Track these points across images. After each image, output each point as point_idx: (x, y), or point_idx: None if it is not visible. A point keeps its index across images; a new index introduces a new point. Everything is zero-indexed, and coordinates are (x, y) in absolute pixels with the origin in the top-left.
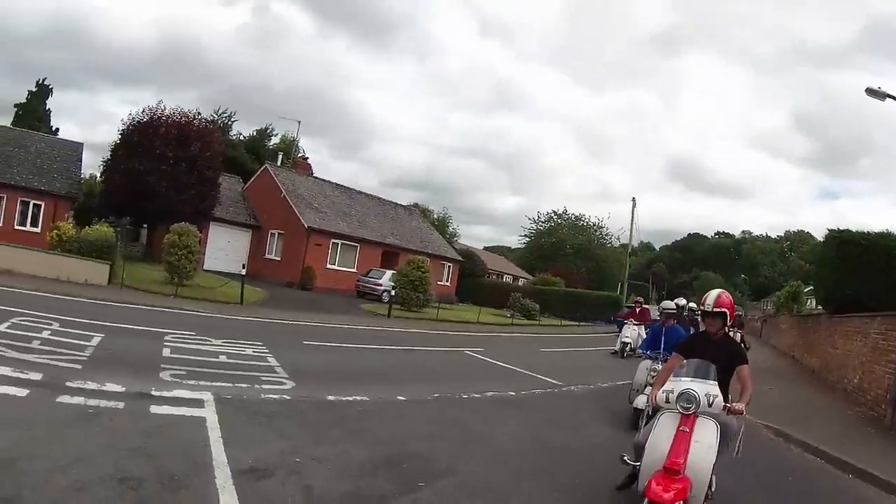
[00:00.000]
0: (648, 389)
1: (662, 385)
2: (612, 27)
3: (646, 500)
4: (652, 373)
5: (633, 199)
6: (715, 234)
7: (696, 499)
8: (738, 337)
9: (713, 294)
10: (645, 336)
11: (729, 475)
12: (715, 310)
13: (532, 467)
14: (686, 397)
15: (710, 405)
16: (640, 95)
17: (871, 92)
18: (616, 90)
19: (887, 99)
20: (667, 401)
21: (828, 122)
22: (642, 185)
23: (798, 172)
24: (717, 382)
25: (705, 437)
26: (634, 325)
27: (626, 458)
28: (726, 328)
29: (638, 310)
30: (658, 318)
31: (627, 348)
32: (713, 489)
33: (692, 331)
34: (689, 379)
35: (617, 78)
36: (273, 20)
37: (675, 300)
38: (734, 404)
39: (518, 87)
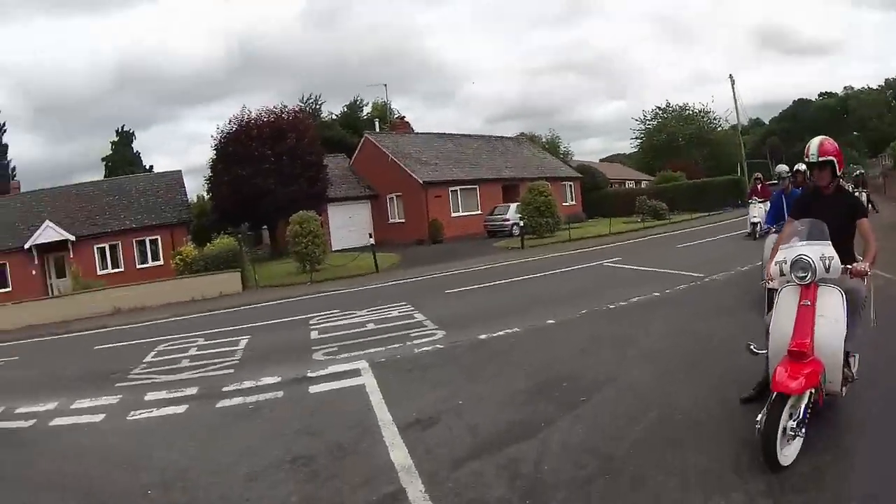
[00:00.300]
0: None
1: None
2: None
3: (774, 393)
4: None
5: (731, 77)
6: (819, 96)
7: (833, 383)
8: (863, 197)
9: (815, 142)
10: None
11: (865, 349)
12: (820, 159)
13: (684, 363)
14: (800, 265)
15: (827, 270)
16: None
17: None
18: None
19: None
20: (781, 273)
21: None
22: (736, 61)
23: (887, 15)
24: (830, 242)
25: (830, 309)
26: (759, 202)
27: (752, 346)
28: (839, 180)
29: (759, 186)
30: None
31: (758, 227)
32: (855, 369)
33: None
34: (803, 243)
35: None
36: None
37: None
38: (856, 265)
39: None
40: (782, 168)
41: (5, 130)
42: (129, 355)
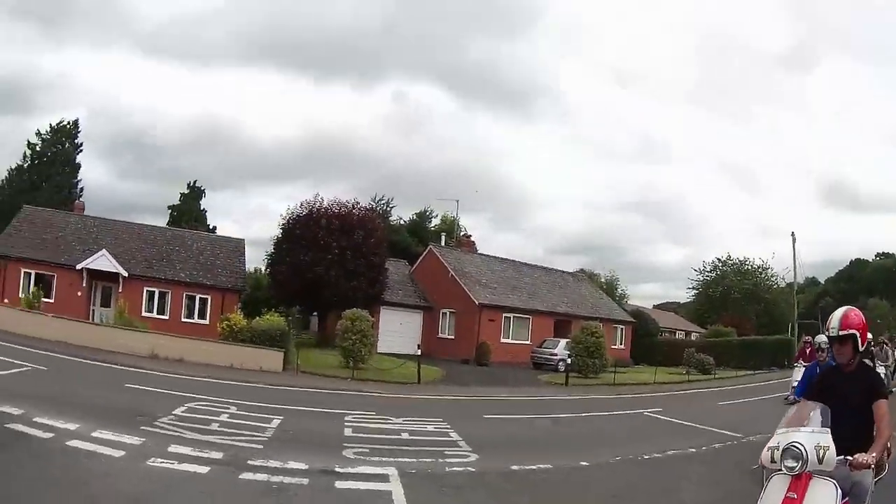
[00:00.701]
0: None
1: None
2: (738, 55)
3: None
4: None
5: (793, 235)
6: (876, 256)
7: None
8: (881, 370)
9: (838, 314)
10: None
11: None
12: (841, 333)
13: None
14: (791, 454)
15: (819, 461)
16: (779, 119)
17: None
18: (755, 119)
19: None
20: (772, 460)
21: None
22: (797, 217)
23: None
24: (829, 430)
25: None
26: (804, 366)
27: None
28: (861, 356)
29: (808, 350)
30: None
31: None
32: None
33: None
34: (804, 430)
35: (755, 106)
36: (413, 103)
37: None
38: (857, 456)
39: (661, 132)
40: (822, 338)
41: (81, 150)
42: (159, 402)
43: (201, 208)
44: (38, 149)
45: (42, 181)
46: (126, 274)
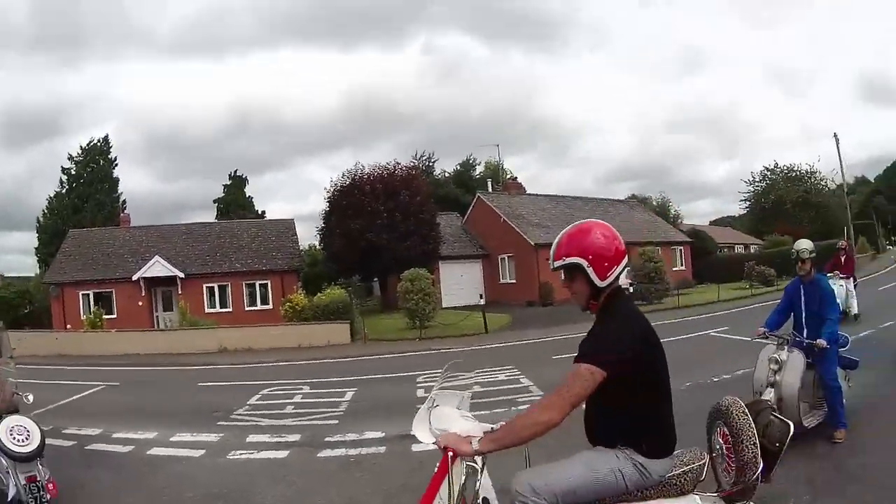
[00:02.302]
0: (770, 392)
1: None
2: None
3: None
4: (773, 365)
5: (836, 136)
6: None
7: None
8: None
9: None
10: (855, 291)
11: None
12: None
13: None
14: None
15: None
16: (815, 20)
17: None
18: (790, 21)
19: None
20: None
21: None
22: (843, 116)
23: None
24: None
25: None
26: (841, 278)
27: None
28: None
29: (843, 257)
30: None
31: (850, 311)
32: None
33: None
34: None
35: (789, 7)
36: (444, 54)
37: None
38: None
39: (698, 44)
40: (804, 245)
41: (117, 164)
42: (234, 395)
43: (247, 196)
44: (73, 172)
45: (83, 203)
46: (183, 275)
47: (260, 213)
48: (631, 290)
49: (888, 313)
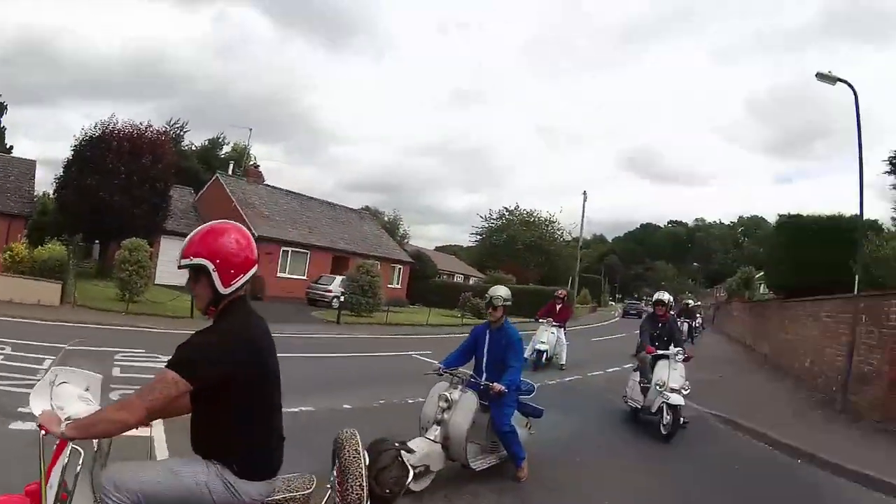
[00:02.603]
0: (436, 430)
1: None
2: (574, 19)
3: None
4: (443, 403)
5: (584, 193)
6: (668, 223)
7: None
8: (684, 327)
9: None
10: (565, 340)
11: (679, 465)
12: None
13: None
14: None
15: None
16: (600, 88)
17: (822, 77)
18: (576, 84)
19: (837, 83)
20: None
21: (783, 108)
22: (597, 178)
23: (752, 158)
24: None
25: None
26: (554, 325)
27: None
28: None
29: (559, 306)
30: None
31: (544, 357)
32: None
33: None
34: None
35: (578, 72)
36: (232, 27)
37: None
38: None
39: (478, 83)
40: (500, 292)
41: None
42: None
43: (1, 125)
44: None
45: None
46: None
47: (8, 147)
48: (342, 298)
49: (595, 363)
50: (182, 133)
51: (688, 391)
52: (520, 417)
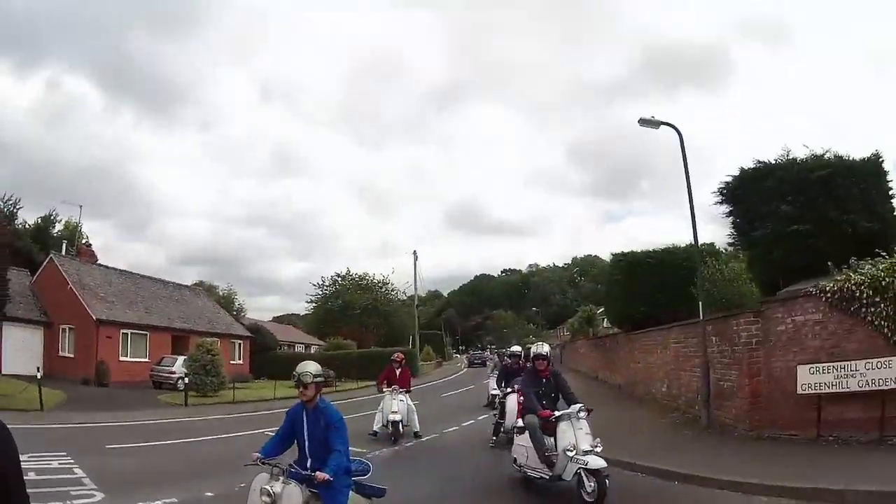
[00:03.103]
0: None
1: None
2: (390, 86)
3: None
4: (266, 498)
5: (415, 253)
6: (502, 272)
7: None
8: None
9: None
10: (412, 405)
11: None
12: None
13: None
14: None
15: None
16: (419, 150)
17: (644, 122)
18: (396, 147)
19: (661, 126)
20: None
21: (605, 152)
22: (426, 236)
23: (580, 202)
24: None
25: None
26: (400, 392)
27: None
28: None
29: (398, 370)
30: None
31: (400, 426)
32: None
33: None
34: None
35: (397, 135)
36: (64, 94)
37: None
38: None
39: (299, 151)
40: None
41: None
42: None
43: None
44: None
45: None
46: None
47: None
48: (186, 379)
49: (448, 419)
50: (15, 210)
51: (600, 448)
52: (361, 500)
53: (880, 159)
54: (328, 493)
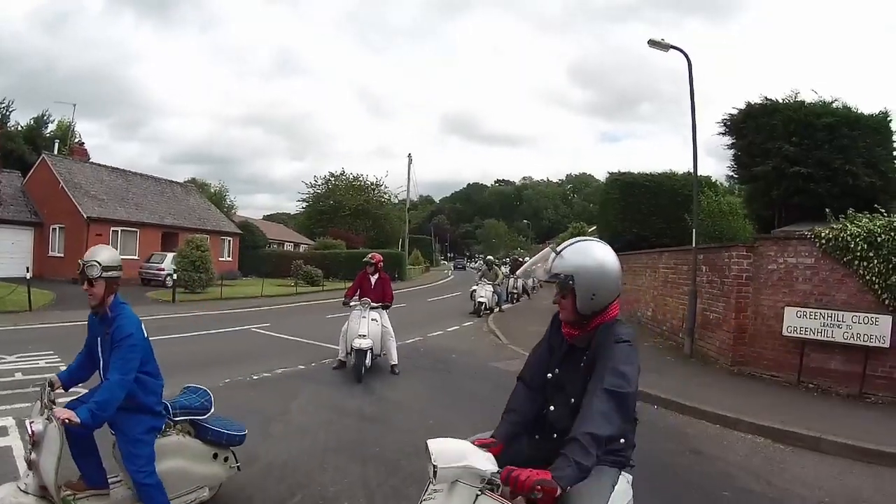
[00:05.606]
0: (30, 477)
1: None
2: None
3: None
4: (27, 438)
5: (409, 156)
6: (495, 182)
7: None
8: (519, 283)
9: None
10: (390, 328)
11: None
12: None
13: (335, 440)
14: None
15: None
16: (421, 55)
17: (654, 43)
18: (399, 52)
19: (670, 49)
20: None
21: (608, 73)
22: (422, 141)
23: (578, 119)
24: None
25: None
26: (374, 308)
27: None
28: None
29: (373, 278)
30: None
31: (368, 358)
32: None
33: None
34: None
35: (401, 39)
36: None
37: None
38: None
39: (301, 52)
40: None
41: None
42: None
43: None
44: None
45: None
46: None
47: None
48: (175, 276)
49: (432, 324)
50: (7, 112)
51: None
52: (201, 448)
53: (888, 118)
54: (125, 444)
